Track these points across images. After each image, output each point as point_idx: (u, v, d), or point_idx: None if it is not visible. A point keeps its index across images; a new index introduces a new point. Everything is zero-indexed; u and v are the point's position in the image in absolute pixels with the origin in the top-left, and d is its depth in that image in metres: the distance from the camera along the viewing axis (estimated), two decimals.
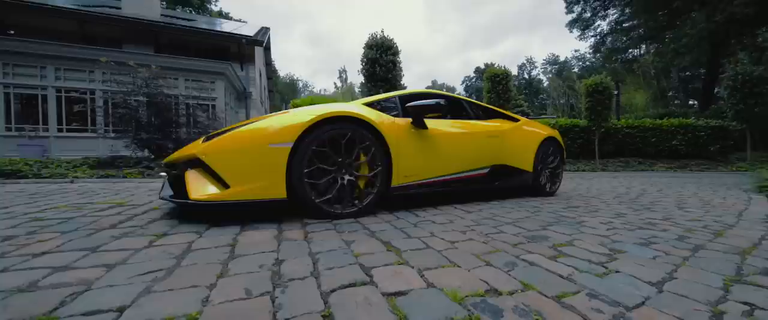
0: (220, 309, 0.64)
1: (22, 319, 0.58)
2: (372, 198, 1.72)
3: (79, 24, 8.55)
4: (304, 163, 1.52)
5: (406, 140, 1.93)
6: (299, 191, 1.51)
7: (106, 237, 1.16)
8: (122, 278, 0.78)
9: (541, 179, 2.75)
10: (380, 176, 1.76)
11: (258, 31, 11.37)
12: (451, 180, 2.18)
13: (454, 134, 2.28)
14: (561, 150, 2.97)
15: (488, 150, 2.43)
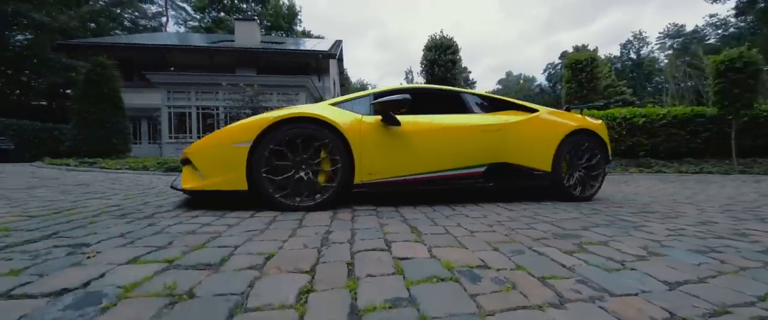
0: (287, 252, 0.99)
1: (188, 246, 1.05)
2: (331, 193, 1.82)
3: (209, 57, 11.34)
4: (262, 160, 1.72)
5: (371, 138, 1.95)
6: (259, 184, 1.72)
7: (227, 209, 1.73)
8: (237, 232, 1.24)
9: (565, 180, 2.30)
10: (340, 173, 1.84)
11: (332, 45, 12.79)
12: (432, 178, 2.10)
13: (436, 130, 2.16)
14: (601, 146, 2.43)
15: (483, 146, 2.21)
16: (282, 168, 1.78)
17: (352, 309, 0.65)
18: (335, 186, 1.83)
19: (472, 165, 2.18)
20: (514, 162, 2.26)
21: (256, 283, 0.76)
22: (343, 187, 1.88)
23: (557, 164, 2.28)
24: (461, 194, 2.47)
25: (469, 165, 2.17)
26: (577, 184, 2.35)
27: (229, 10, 27.38)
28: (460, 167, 2.16)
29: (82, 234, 1.17)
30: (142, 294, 0.69)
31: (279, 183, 1.76)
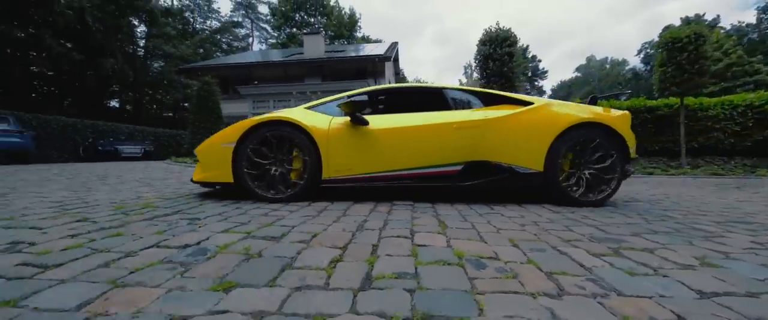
0: (329, 233, 1.23)
1: (261, 224, 1.39)
2: (300, 188, 2.01)
3: (284, 70, 13.02)
4: (243, 158, 2.01)
5: (337, 138, 2.06)
6: (241, 178, 2.01)
7: (294, 200, 2.10)
8: (296, 217, 1.55)
9: (562, 182, 2.02)
10: (308, 169, 2.02)
11: (387, 49, 13.22)
12: (401, 176, 2.09)
13: (405, 128, 2.13)
14: (618, 142, 2.05)
15: (458, 144, 2.09)
16: (260, 165, 2.06)
17: (367, 275, 0.83)
18: (303, 182, 2.03)
19: (445, 164, 2.10)
20: (495, 161, 2.09)
21: (303, 252, 1.00)
22: (312, 183, 2.05)
23: (552, 163, 2.02)
24: (504, 195, 2.40)
25: (443, 164, 2.10)
26: (581, 186, 2.04)
27: (300, 25, 30.69)
28: (432, 165, 2.10)
29: (196, 212, 1.64)
30: (230, 251, 1.00)
31: (257, 177, 2.05)
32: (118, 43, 15.91)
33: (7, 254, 0.96)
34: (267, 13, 33.24)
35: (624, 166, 2.05)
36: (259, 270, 0.86)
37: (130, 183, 3.21)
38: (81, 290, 0.72)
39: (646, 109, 6.28)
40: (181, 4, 27.10)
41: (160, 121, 19.95)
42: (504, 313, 0.65)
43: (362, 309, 0.66)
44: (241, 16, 33.73)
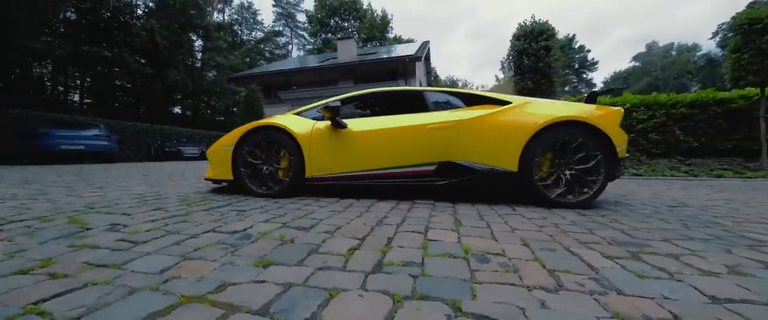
0: (351, 226, 1.37)
1: (295, 217, 1.58)
2: (286, 185, 2.26)
3: (319, 74, 13.72)
4: (240, 159, 2.32)
5: (318, 140, 2.26)
6: (239, 176, 2.33)
7: (320, 197, 2.31)
8: (324, 211, 1.73)
9: (538, 183, 1.96)
10: (293, 168, 2.25)
11: (418, 48, 13.19)
12: (378, 175, 2.21)
13: (381, 130, 2.24)
14: (602, 142, 1.92)
15: (431, 145, 2.15)
16: (254, 165, 2.35)
17: (379, 262, 0.95)
18: (288, 180, 2.27)
19: (419, 164, 2.16)
20: (467, 161, 2.09)
21: (327, 240, 1.16)
22: (296, 181, 2.27)
23: (526, 163, 1.97)
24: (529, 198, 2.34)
25: (417, 164, 2.17)
26: (561, 187, 1.96)
27: (335, 30, 31.91)
28: (407, 165, 2.18)
29: (243, 205, 1.91)
30: (269, 237, 1.19)
31: (252, 175, 2.35)
32: (180, 57, 18.15)
33: (109, 232, 1.26)
34: (304, 21, 35.12)
35: (608, 166, 1.92)
36: (291, 252, 1.03)
37: (190, 179, 3.74)
38: (161, 260, 0.95)
39: (715, 101, 5.47)
40: (231, 18, 29.86)
41: (213, 124, 22.37)
42: (494, 299, 0.73)
43: (371, 287, 0.78)
44: (281, 26, 36.11)
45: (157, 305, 0.68)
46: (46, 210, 1.69)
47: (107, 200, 2.07)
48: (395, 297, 0.73)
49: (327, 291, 0.75)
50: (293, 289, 0.76)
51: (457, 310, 0.67)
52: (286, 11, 36.15)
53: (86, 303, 0.68)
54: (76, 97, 17.70)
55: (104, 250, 1.04)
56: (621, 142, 1.96)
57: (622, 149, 1.96)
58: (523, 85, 5.28)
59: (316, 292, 0.75)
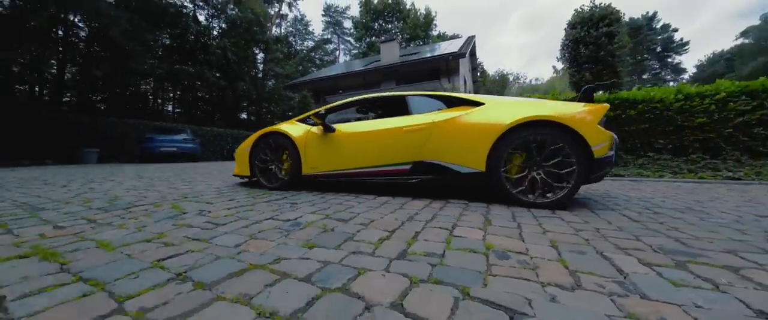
0: (384, 220, 1.52)
1: (336, 210, 1.79)
2: (286, 180, 2.72)
3: (363, 78, 14.29)
4: (255, 158, 2.87)
5: (312, 142, 2.65)
6: (254, 173, 2.88)
7: (360, 194, 2.51)
8: (362, 207, 1.92)
9: (506, 183, 1.98)
10: (292, 166, 2.69)
11: (462, 45, 12.78)
12: (362, 172, 2.48)
13: (363, 133, 2.51)
14: (576, 142, 1.85)
15: (406, 145, 2.32)
16: (265, 163, 2.87)
17: (403, 251, 1.07)
18: (289, 177, 2.71)
19: (397, 163, 2.36)
20: (437, 161, 2.22)
21: (361, 231, 1.33)
22: (295, 177, 2.70)
23: (494, 163, 2.00)
24: (579, 200, 2.19)
25: (395, 163, 2.37)
26: (530, 187, 1.95)
27: (379, 33, 32.65)
28: (387, 164, 2.39)
29: (295, 199, 2.21)
30: (314, 226, 1.41)
31: (262, 171, 2.87)
32: (246, 70, 20.69)
33: (199, 216, 1.62)
34: (350, 27, 36.67)
35: (586, 167, 1.84)
36: (331, 239, 1.21)
37: None
38: (235, 238, 1.22)
39: None
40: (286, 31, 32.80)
41: None
42: (504, 290, 0.79)
43: (393, 270, 0.91)
44: (329, 34, 38.32)
45: (233, 269, 0.91)
46: (156, 198, 2.21)
47: (195, 191, 2.59)
48: (412, 279, 0.85)
49: (356, 269, 0.91)
50: (330, 266, 0.94)
51: (466, 294, 0.76)
52: (334, 19, 38.23)
53: (188, 264, 0.95)
54: (169, 107, 21.51)
55: (196, 229, 1.36)
56: (599, 141, 1.84)
57: (600, 148, 1.84)
58: (580, 77, 4.79)
59: (348, 270, 0.91)
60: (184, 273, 0.87)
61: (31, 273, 0.87)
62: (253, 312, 0.67)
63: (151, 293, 0.76)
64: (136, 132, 11.50)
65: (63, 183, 3.22)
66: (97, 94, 15.97)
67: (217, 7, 19.62)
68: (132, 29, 11.73)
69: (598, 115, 1.90)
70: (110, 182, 3.39)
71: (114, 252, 1.05)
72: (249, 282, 0.82)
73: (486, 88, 40.42)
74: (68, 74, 14.71)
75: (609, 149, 1.87)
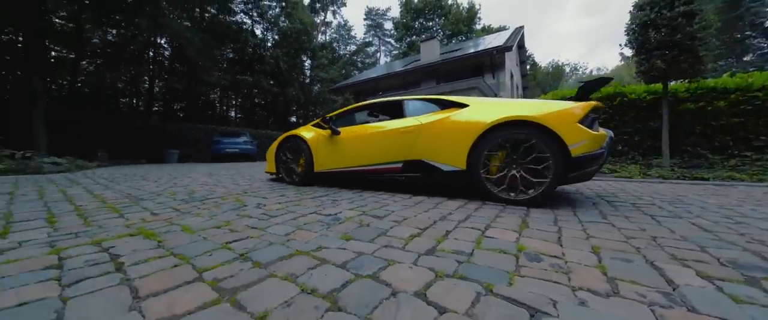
0: (416, 218, 1.58)
1: (372, 207, 1.90)
2: (301, 176, 3.16)
3: (402, 78, 14.36)
4: (280, 157, 3.41)
5: (322, 144, 3.06)
6: (279, 170, 3.43)
7: (396, 193, 2.59)
8: (397, 205, 2.00)
9: (486, 182, 2.10)
10: (306, 165, 3.12)
11: (508, 37, 12.01)
12: (362, 170, 2.77)
13: (363, 135, 2.80)
14: (554, 141, 1.87)
15: (398, 146, 2.53)
16: (286, 162, 3.37)
17: (432, 248, 1.12)
18: (303, 174, 3.14)
19: (391, 162, 2.58)
20: (424, 159, 2.40)
21: (394, 227, 1.41)
22: (308, 174, 3.12)
23: (473, 161, 2.14)
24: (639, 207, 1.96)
25: (389, 162, 2.60)
26: (509, 185, 2.04)
27: (419, 31, 32.40)
28: (382, 163, 2.63)
29: (337, 196, 2.39)
30: (352, 221, 1.54)
31: (285, 169, 3.37)
32: (295, 76, 22.37)
33: (256, 208, 1.87)
34: (391, 28, 37.03)
35: (563, 166, 1.88)
36: (366, 233, 1.32)
37: None
38: (285, 228, 1.41)
39: None
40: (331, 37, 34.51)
41: None
42: (529, 290, 0.80)
43: (420, 264, 0.97)
44: (371, 36, 39.23)
45: (283, 253, 1.07)
46: (223, 193, 2.59)
47: (253, 188, 2.95)
48: (438, 273, 0.90)
49: (387, 261, 0.99)
50: (363, 256, 1.04)
51: (489, 290, 0.79)
52: (375, 22, 39.01)
53: (248, 247, 1.14)
54: (232, 113, 24.34)
55: (255, 219, 1.59)
56: (576, 140, 1.86)
57: (578, 147, 1.86)
58: (649, 65, 4.17)
59: (379, 261, 1.00)
60: (245, 254, 1.05)
61: (138, 247, 1.14)
62: (297, 288, 0.80)
63: (221, 267, 0.94)
64: (206, 135, 13.31)
65: (154, 179, 3.93)
66: (177, 103, 18.82)
67: (271, 20, 21.58)
68: (203, 47, 13.60)
69: (579, 114, 1.90)
70: (188, 178, 4.02)
71: (194, 234, 1.30)
72: (295, 265, 0.96)
73: (537, 81, 37.28)
74: (156, 88, 17.63)
75: (591, 147, 1.87)
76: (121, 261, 0.99)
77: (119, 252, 1.08)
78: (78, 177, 4.31)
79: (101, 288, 0.80)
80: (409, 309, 0.70)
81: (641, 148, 4.93)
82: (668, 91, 4.39)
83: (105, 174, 4.93)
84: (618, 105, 4.99)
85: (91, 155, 9.02)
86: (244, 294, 0.77)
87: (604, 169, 4.43)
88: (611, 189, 2.93)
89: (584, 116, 1.90)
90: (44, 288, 0.80)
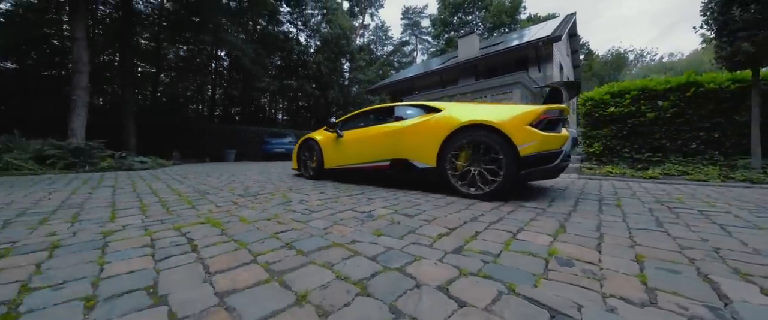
0: (446, 218, 1.61)
1: (404, 206, 1.97)
2: (315, 171, 3.81)
3: (439, 76, 14.09)
4: (300, 156, 4.15)
5: (330, 144, 3.65)
6: (300, 167, 4.15)
7: (429, 193, 2.62)
8: (429, 205, 2.04)
9: (451, 177, 2.41)
10: (317, 162, 3.77)
11: (557, 26, 11.03)
12: (359, 168, 3.24)
13: (359, 138, 3.27)
14: (506, 143, 2.14)
15: (386, 146, 2.91)
16: (304, 159, 4.08)
17: (459, 247, 1.16)
18: (316, 170, 3.80)
19: (381, 160, 2.99)
20: (406, 158, 2.76)
21: (423, 226, 1.46)
22: (320, 170, 3.75)
23: (441, 160, 2.45)
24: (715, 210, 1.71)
25: (379, 160, 3.01)
26: (471, 181, 2.32)
27: (458, 27, 31.35)
28: (374, 161, 3.05)
29: (372, 194, 2.51)
30: (384, 218, 1.63)
31: (304, 166, 4.08)
32: (334, 79, 23.38)
33: (299, 204, 2.08)
34: (428, 25, 36.44)
35: (518, 164, 2.11)
36: (396, 230, 1.40)
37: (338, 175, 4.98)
38: (325, 223, 1.55)
39: None
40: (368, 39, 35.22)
41: None
42: (555, 293, 0.80)
43: (446, 261, 1.02)
44: (408, 35, 39.08)
45: (322, 244, 1.20)
46: (272, 190, 2.89)
47: (297, 186, 3.23)
48: (462, 271, 0.94)
49: (413, 257, 1.06)
50: (392, 251, 1.12)
51: (511, 290, 0.81)
52: (412, 20, 38.74)
53: (293, 237, 1.29)
54: (279, 115, 26.37)
55: (298, 213, 1.78)
56: (525, 141, 2.09)
57: (527, 147, 2.08)
58: (734, 49, 3.53)
59: (406, 256, 1.07)
60: (290, 243, 1.21)
61: (207, 233, 1.37)
62: (333, 275, 0.91)
63: (271, 253, 1.10)
64: (257, 136, 14.67)
65: (216, 176, 4.50)
66: (234, 108, 21.02)
67: (313, 27, 22.85)
68: (256, 56, 15.00)
69: (529, 118, 2.12)
70: (243, 176, 4.53)
71: (249, 224, 1.51)
72: (332, 255, 1.08)
73: (593, 72, 33.48)
74: (217, 95, 19.89)
75: (541, 148, 2.08)
76: (195, 243, 1.22)
77: (193, 236, 1.31)
78: (159, 173, 5.13)
79: (183, 264, 1.00)
80: (430, 300, 0.76)
81: (723, 146, 4.19)
82: (759, 79, 3.66)
83: (179, 171, 5.78)
84: (692, 97, 4.30)
85: (167, 154, 10.58)
86: (289, 276, 0.90)
87: (673, 172, 3.89)
88: (677, 194, 2.58)
89: (537, 119, 2.11)
90: (144, 261, 1.03)
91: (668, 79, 4.70)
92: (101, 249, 1.15)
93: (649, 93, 4.69)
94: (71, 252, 1.11)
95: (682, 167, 4.02)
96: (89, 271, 0.94)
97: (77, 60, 7.04)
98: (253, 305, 0.74)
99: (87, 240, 1.26)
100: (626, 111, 4.82)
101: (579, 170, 4.89)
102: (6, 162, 4.78)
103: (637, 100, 4.77)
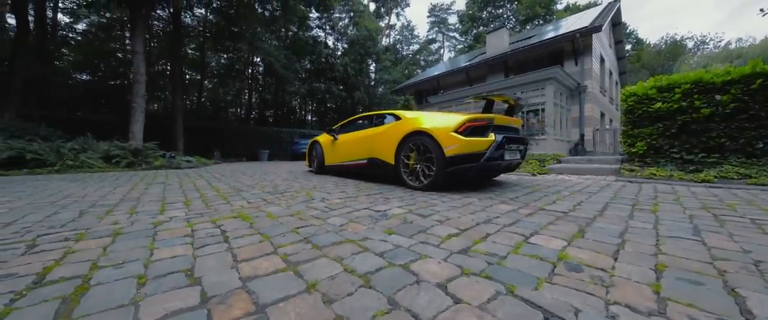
0: (459, 219, 1.62)
1: (420, 206, 2.01)
2: (317, 168, 4.84)
3: (466, 74, 13.73)
4: (311, 155, 5.25)
5: (328, 145, 4.54)
6: (310, 164, 5.28)
7: (448, 193, 2.61)
8: (444, 206, 2.06)
9: (402, 172, 3.06)
10: (319, 160, 4.75)
11: (598, 15, 10.20)
12: (348, 166, 3.99)
13: (348, 140, 4.08)
14: (436, 146, 2.71)
15: (363, 147, 3.70)
16: (313, 158, 5.03)
17: (467, 248, 1.18)
18: (317, 165, 4.81)
19: (361, 159, 3.69)
20: (377, 157, 3.42)
21: (435, 226, 1.50)
22: (321, 167, 4.70)
23: (398, 159, 3.12)
24: None
25: (360, 159, 3.72)
26: (415, 176, 2.92)
27: (487, 22, 30.22)
28: (357, 159, 3.77)
29: (389, 194, 2.57)
30: (397, 218, 1.69)
31: (311, 163, 5.17)
32: (361, 80, 23.81)
33: (321, 202, 2.21)
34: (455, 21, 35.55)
35: (446, 161, 2.65)
36: (408, 229, 1.45)
37: (361, 175, 5.11)
38: (341, 220, 1.65)
39: None
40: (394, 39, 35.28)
41: None
42: (554, 295, 0.80)
43: (450, 261, 1.06)
44: (434, 33, 38.47)
45: (336, 240, 1.29)
46: (297, 188, 3.08)
47: (320, 185, 3.40)
48: (464, 271, 0.97)
49: (419, 255, 1.11)
50: (400, 249, 1.17)
51: (509, 291, 0.83)
52: (439, 18, 38.07)
53: (311, 233, 1.41)
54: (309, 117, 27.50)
55: (318, 210, 1.90)
56: (449, 144, 2.63)
57: (450, 149, 2.62)
58: None
59: (413, 254, 1.12)
60: (308, 238, 1.32)
61: (238, 226, 1.53)
62: (341, 268, 0.99)
63: (290, 246, 1.22)
64: (288, 137, 15.46)
65: (250, 174, 4.87)
66: (268, 110, 22.31)
67: (341, 31, 23.46)
68: (287, 62, 15.80)
69: (454, 126, 2.65)
70: (273, 175, 4.85)
71: (274, 220, 1.66)
72: (343, 250, 1.16)
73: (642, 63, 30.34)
74: (253, 99, 21.25)
75: (462, 150, 2.59)
76: (227, 235, 1.37)
77: (226, 229, 1.48)
78: (202, 172, 5.67)
79: (215, 252, 1.15)
80: (428, 295, 0.81)
81: None
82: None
83: (219, 169, 6.32)
84: (758, 89, 3.76)
85: (210, 154, 11.57)
86: (303, 267, 1.00)
87: (732, 174, 3.46)
88: (731, 200, 2.30)
89: (462, 127, 2.63)
90: (185, 249, 1.20)
91: (728, 69, 4.16)
92: (152, 237, 1.35)
93: (705, 86, 4.19)
94: (129, 239, 1.32)
95: (745, 169, 3.54)
96: (142, 255, 1.12)
97: (136, 71, 7.99)
98: (270, 289, 0.85)
99: (141, 229, 1.48)
100: (676, 107, 4.35)
101: (618, 172, 4.52)
102: (82, 160, 5.60)
103: (689, 95, 4.28)
